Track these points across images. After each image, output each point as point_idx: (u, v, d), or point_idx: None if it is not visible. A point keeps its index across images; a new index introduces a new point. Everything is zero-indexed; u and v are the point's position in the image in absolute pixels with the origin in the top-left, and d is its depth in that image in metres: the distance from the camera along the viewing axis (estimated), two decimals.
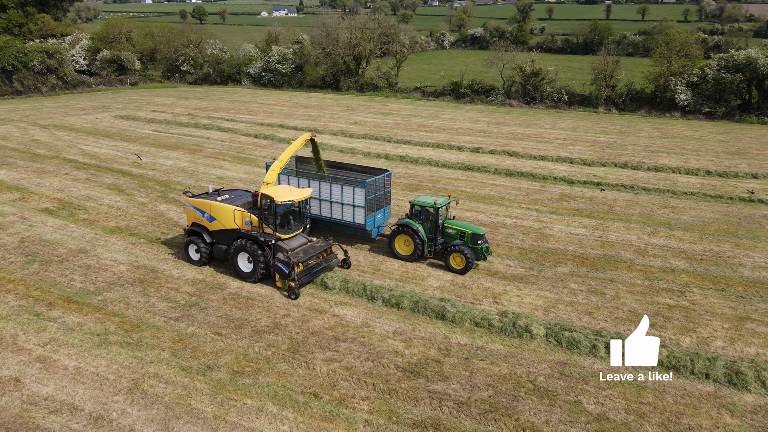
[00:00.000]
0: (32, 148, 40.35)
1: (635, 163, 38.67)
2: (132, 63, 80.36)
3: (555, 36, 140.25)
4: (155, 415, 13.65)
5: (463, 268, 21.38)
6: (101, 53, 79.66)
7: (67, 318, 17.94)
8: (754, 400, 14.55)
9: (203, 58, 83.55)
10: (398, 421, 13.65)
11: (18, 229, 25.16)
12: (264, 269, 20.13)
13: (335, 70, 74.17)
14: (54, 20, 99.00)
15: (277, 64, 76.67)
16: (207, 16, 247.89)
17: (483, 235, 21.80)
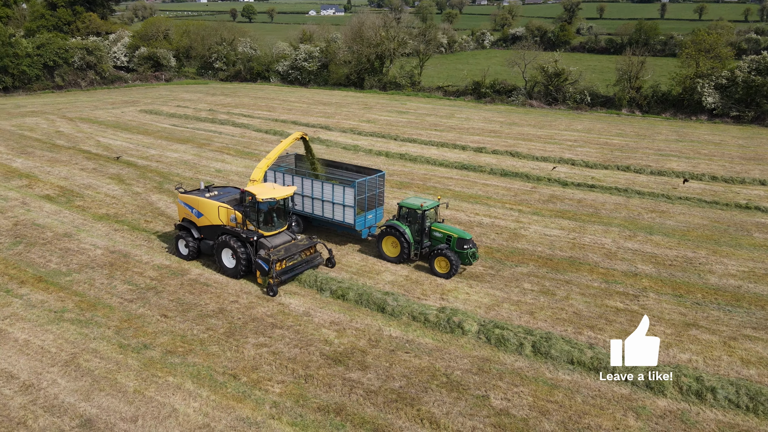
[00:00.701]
0: (53, 138, 42.81)
1: (639, 166, 37.81)
2: (167, 60, 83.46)
3: (599, 36, 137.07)
4: (81, 386, 14.66)
5: (447, 273, 21.05)
6: (139, 50, 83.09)
7: (32, 295, 19.30)
8: (666, 405, 14.38)
9: (235, 56, 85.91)
10: (304, 404, 14.20)
11: (16, 213, 26.97)
12: (246, 265, 20.31)
13: (359, 68, 75.01)
14: (100, 18, 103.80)
15: (303, 62, 78.15)
16: (256, 14, 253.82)
17: (469, 240, 21.26)
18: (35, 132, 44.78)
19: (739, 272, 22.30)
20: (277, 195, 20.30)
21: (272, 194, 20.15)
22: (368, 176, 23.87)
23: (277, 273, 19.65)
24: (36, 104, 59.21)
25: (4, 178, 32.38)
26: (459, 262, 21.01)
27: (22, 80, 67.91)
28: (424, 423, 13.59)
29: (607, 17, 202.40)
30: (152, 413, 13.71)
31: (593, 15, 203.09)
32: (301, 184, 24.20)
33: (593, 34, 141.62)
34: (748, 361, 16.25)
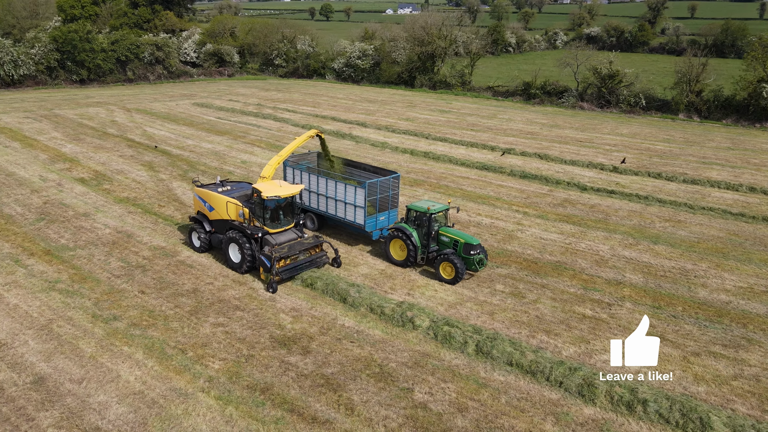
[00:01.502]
0: (106, 127, 46.24)
1: (673, 173, 36.04)
2: (231, 56, 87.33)
3: (680, 36, 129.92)
4: (46, 348, 16.18)
5: (452, 279, 20.40)
6: (205, 47, 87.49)
7: (36, 266, 21.31)
8: (591, 414, 14.03)
9: (295, 53, 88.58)
10: (236, 381, 14.99)
11: (49, 193, 29.60)
12: (250, 261, 20.48)
13: (411, 67, 75.39)
14: (176, 17, 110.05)
15: (357, 60, 79.48)
16: (333, 13, 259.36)
17: (477, 246, 20.59)
18: (92, 121, 48.52)
19: (735, 287, 21.02)
20: (283, 193, 20.35)
21: (278, 192, 20.27)
22: (379, 178, 23.52)
23: (278, 270, 19.71)
24: (104, 96, 63.93)
25: (51, 161, 35.48)
26: (465, 268, 20.36)
27: (97, 73, 73.40)
28: (339, 408, 14.02)
29: (699, 16, 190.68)
30: (98, 377, 14.97)
31: (683, 14, 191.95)
32: (316, 183, 24.30)
33: (675, 34, 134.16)
34: (701, 378, 15.48)
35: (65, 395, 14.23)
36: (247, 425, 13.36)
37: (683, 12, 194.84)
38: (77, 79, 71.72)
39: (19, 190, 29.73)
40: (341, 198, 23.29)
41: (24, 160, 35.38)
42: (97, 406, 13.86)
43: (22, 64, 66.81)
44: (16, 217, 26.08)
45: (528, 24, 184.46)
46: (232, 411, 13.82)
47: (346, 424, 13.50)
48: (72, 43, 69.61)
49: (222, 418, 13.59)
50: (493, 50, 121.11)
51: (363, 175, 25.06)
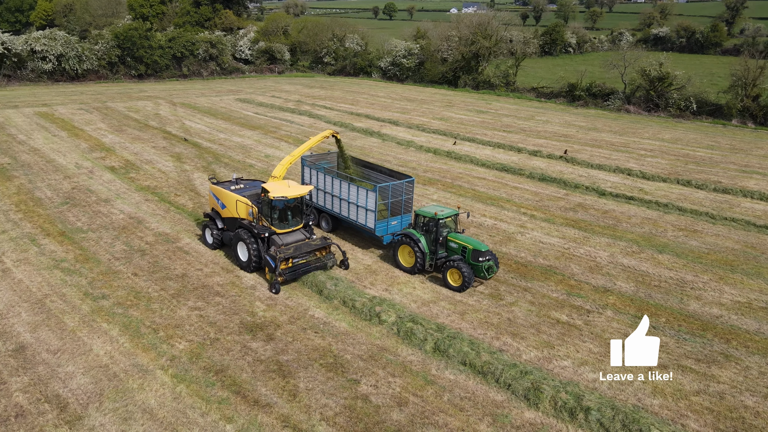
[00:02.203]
0: (149, 119, 48.77)
1: (704, 181, 34.40)
2: (281, 54, 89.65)
3: (757, 38, 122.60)
4: (33, 320, 17.54)
5: (460, 286, 19.87)
6: (258, 44, 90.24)
7: (48, 246, 22.99)
8: (531, 418, 13.86)
9: (344, 51, 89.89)
10: (195, 362, 15.76)
11: (79, 179, 31.69)
12: (257, 260, 20.43)
13: (455, 66, 74.97)
14: (235, 15, 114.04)
15: (402, 59, 79.80)
16: (396, 12, 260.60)
17: (486, 252, 19.99)
18: (138, 113, 51.27)
19: (731, 302, 20.00)
20: (290, 194, 20.27)
21: (285, 192, 20.20)
22: (393, 181, 23.20)
23: (281, 271, 19.68)
24: (156, 90, 67.25)
25: (90, 150, 37.88)
26: (473, 275, 19.80)
27: (154, 69, 77.24)
28: (283, 394, 14.50)
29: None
30: (72, 349, 16.11)
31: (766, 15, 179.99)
32: (331, 184, 24.15)
33: (752, 35, 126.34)
34: (659, 391, 14.94)
35: (39, 364, 15.42)
36: (192, 403, 14.06)
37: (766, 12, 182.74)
38: (135, 74, 75.73)
39: (53, 176, 31.98)
40: (353, 200, 23.02)
41: (66, 148, 37.94)
42: (63, 376, 14.94)
43: (86, 60, 71.28)
44: (44, 200, 28.12)
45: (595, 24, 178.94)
46: (183, 389, 14.57)
47: (285, 409, 13.96)
48: (132, 40, 73.59)
49: (171, 394, 14.36)
50: (551, 50, 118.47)
51: (378, 177, 24.70)
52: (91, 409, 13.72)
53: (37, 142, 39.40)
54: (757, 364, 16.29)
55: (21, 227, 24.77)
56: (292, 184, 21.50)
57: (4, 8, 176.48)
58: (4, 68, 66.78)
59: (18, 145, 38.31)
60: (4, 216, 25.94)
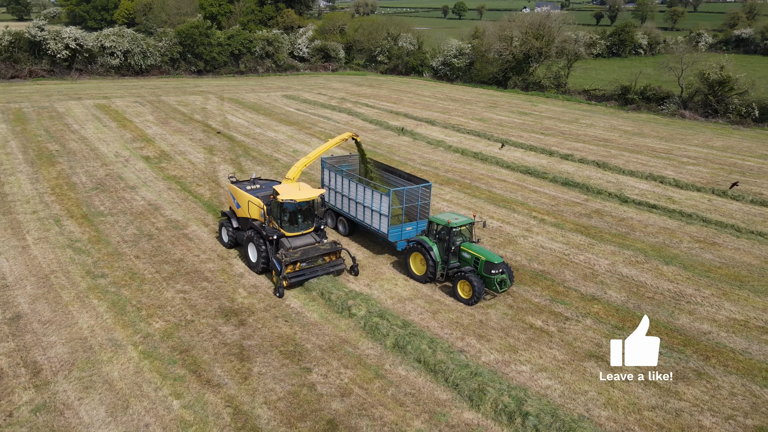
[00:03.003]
0: (194, 113, 51.17)
1: (741, 193, 32.42)
2: (336, 52, 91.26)
3: None
4: (36, 293, 19.09)
5: (469, 299, 19.03)
6: (314, 42, 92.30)
7: (69, 227, 24.83)
8: (469, 418, 13.82)
9: (398, 50, 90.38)
10: (166, 340, 16.70)
11: (114, 167, 33.85)
12: (265, 262, 20.27)
13: (505, 67, 73.80)
14: (297, 14, 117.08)
15: (453, 59, 79.38)
16: (466, 12, 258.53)
17: (499, 264, 19.11)
18: (186, 107, 53.89)
19: (726, 318, 18.95)
20: (299, 197, 19.94)
21: (294, 195, 19.94)
22: (408, 186, 22.68)
23: (286, 275, 19.41)
24: (210, 85, 70.30)
25: (132, 140, 40.31)
26: (483, 288, 18.94)
27: (212, 65, 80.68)
28: (235, 376, 15.16)
29: None
30: (59, 321, 17.46)
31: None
32: (348, 187, 23.73)
33: None
34: (613, 403, 14.49)
35: (27, 332, 16.83)
36: (150, 378, 14.97)
37: None
38: (195, 70, 79.37)
39: (92, 163, 34.34)
40: (368, 204, 22.55)
41: (111, 138, 40.55)
42: (45, 344, 16.26)
43: (150, 56, 75.47)
44: (77, 185, 30.29)
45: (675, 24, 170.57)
46: (146, 364, 15.52)
47: (233, 390, 14.60)
48: (192, 38, 77.21)
49: (134, 369, 15.33)
50: (619, 51, 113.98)
51: (397, 181, 24.33)
52: (60, 377, 14.89)
53: (88, 131, 42.31)
54: (731, 385, 15.43)
55: (50, 209, 26.85)
56: (304, 186, 21.12)
57: (92, 7, 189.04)
58: (77, 63, 71.81)
59: (70, 134, 41.30)
60: (39, 198, 28.17)
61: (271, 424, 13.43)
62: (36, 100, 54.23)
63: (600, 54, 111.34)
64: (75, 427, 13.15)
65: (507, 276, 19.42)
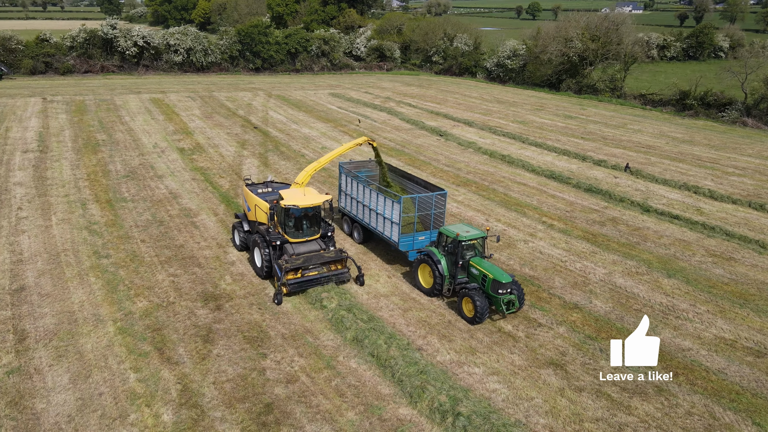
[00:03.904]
0: (239, 109, 53.28)
1: None
2: (392, 52, 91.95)
3: None
4: (44, 268, 20.79)
5: (472, 318, 17.91)
6: (370, 42, 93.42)
7: (92, 210, 26.74)
8: (403, 414, 13.95)
9: (453, 51, 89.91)
10: (143, 318, 17.80)
11: (149, 157, 35.96)
12: (268, 267, 19.91)
13: (559, 69, 71.86)
14: (358, 14, 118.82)
15: (506, 60, 78.14)
16: (541, 12, 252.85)
17: (508, 284, 17.82)
18: (233, 102, 56.18)
19: (714, 337, 17.96)
20: (302, 203, 19.64)
21: (298, 201, 19.68)
22: (418, 194, 21.98)
23: (286, 282, 18.97)
24: (263, 83, 72.79)
25: (173, 132, 42.61)
26: (486, 308, 17.72)
27: (269, 63, 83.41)
28: (193, 356, 15.98)
29: None
30: (56, 295, 18.98)
31: None
32: (362, 193, 23.15)
33: None
34: (556, 412, 14.17)
35: (25, 303, 18.43)
36: (117, 352, 16.06)
37: None
38: (252, 68, 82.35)
39: (131, 152, 36.65)
40: (380, 211, 21.90)
41: (154, 129, 43.04)
42: (37, 315, 17.76)
43: (210, 53, 79.08)
44: (111, 173, 32.49)
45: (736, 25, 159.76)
46: (118, 339, 16.65)
47: (188, 368, 15.43)
48: (251, 36, 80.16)
49: (107, 343, 16.48)
50: (696, 54, 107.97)
51: (414, 188, 23.79)
52: (40, 344, 16.26)
53: (136, 123, 45.09)
54: (690, 404, 14.69)
55: (81, 193, 28.99)
56: (310, 192, 20.79)
57: (173, 7, 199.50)
58: (144, 59, 76.34)
59: (119, 125, 44.18)
60: (74, 183, 30.46)
61: (212, 403, 14.13)
62: (99, 93, 58.23)
63: (674, 57, 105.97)
64: (38, 390, 14.36)
65: (516, 297, 18.08)
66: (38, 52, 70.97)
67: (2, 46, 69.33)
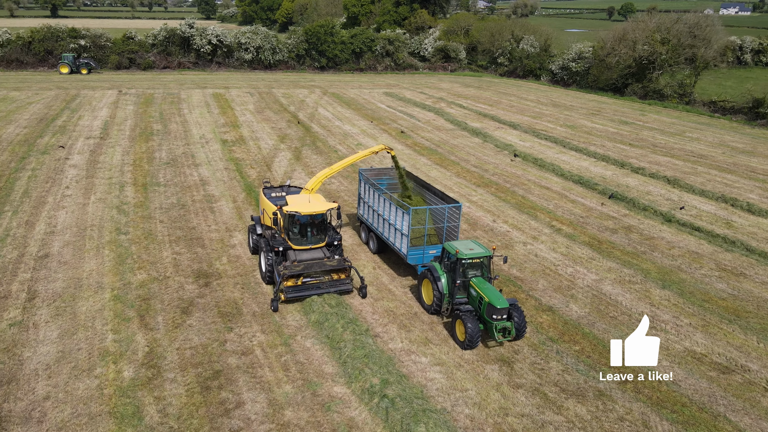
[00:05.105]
0: (290, 105, 55.64)
1: None
2: (456, 53, 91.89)
3: None
4: (69, 240, 23.33)
5: (462, 342, 16.81)
6: (436, 43, 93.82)
7: (127, 192, 29.40)
8: (338, 392, 14.78)
9: (520, 53, 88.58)
10: (138, 288, 19.69)
11: (193, 147, 38.68)
12: (270, 272, 19.79)
13: (625, 73, 69.12)
14: (430, 15, 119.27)
15: (570, 63, 76.10)
16: (634, 13, 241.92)
17: (503, 310, 16.53)
18: (287, 99, 58.72)
19: (683, 350, 17.43)
20: (305, 210, 19.51)
21: (300, 207, 19.60)
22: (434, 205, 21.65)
23: (283, 288, 18.74)
24: (324, 81, 75.21)
25: (223, 125, 45.40)
26: (478, 334, 16.58)
27: (334, 62, 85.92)
28: (169, 325, 17.57)
29: None
30: (72, 263, 21.35)
31: None
32: (376, 202, 22.54)
33: None
34: (484, 406, 14.50)
35: (45, 268, 20.89)
36: (105, 315, 17.97)
37: None
38: (318, 66, 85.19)
39: (177, 142, 39.59)
40: (393, 221, 21.17)
41: (206, 122, 46.06)
42: (51, 279, 20.11)
43: (278, 52, 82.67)
44: (156, 159, 35.37)
45: None
46: (110, 305, 18.60)
47: (159, 335, 17.06)
48: (317, 36, 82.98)
49: (99, 307, 18.46)
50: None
51: (431, 199, 23.07)
52: (45, 304, 18.50)
53: (192, 116, 48.41)
54: (627, 410, 14.51)
55: (123, 176, 31.90)
56: (315, 198, 20.75)
57: (260, 7, 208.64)
58: (216, 57, 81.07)
59: (177, 117, 47.64)
60: (120, 167, 33.51)
61: (169, 366, 15.63)
62: (169, 88, 62.72)
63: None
64: (30, 341, 16.48)
65: (512, 324, 16.73)
66: (124, 48, 77.30)
67: (93, 43, 76.13)
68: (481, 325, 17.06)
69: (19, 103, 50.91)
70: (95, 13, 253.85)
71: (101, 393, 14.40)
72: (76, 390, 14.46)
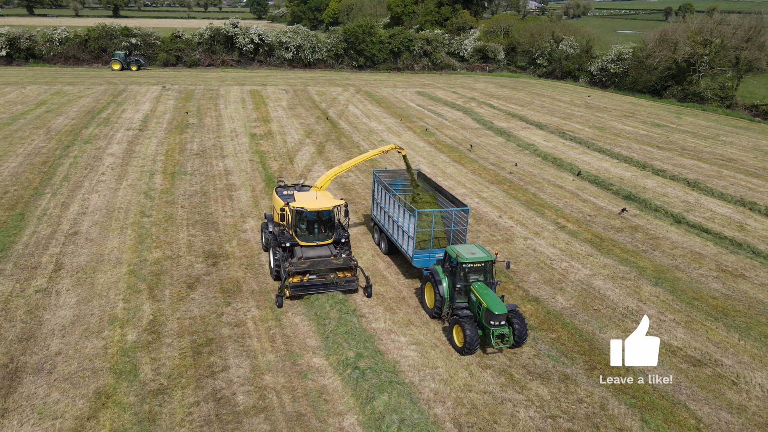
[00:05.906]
0: (322, 102, 57.33)
1: None
2: (495, 53, 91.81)
3: None
4: (97, 220, 25.42)
5: (461, 348, 16.60)
6: (475, 44, 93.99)
7: (155, 179, 31.51)
8: (317, 363, 15.97)
9: (559, 54, 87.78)
10: (153, 265, 21.43)
11: (223, 139, 40.69)
12: (277, 268, 19.95)
13: (664, 75, 67.74)
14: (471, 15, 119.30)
15: (609, 64, 75.04)
16: (692, 13, 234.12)
17: (501, 316, 16.25)
18: (320, 96, 60.47)
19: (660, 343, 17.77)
20: (311, 206, 19.67)
21: (307, 204, 19.81)
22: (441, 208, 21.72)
23: (288, 285, 18.87)
24: (359, 79, 76.71)
25: (254, 120, 47.43)
26: (476, 340, 16.32)
27: (372, 61, 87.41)
28: (174, 298, 19.18)
29: None
30: (96, 240, 23.35)
31: None
32: (387, 203, 22.52)
33: None
34: (450, 383, 15.40)
35: (72, 244, 22.96)
36: (119, 287, 19.73)
37: None
38: (356, 65, 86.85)
39: (209, 135, 41.75)
40: (400, 223, 21.08)
41: (239, 117, 48.20)
42: (76, 254, 22.12)
43: (317, 51, 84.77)
44: (186, 151, 37.53)
45: None
46: (126, 278, 20.40)
47: (164, 305, 18.67)
48: (356, 35, 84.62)
49: (115, 279, 20.26)
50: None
51: (442, 202, 22.91)
52: (68, 275, 20.45)
53: (227, 111, 50.71)
54: (588, 393, 15.13)
55: (155, 165, 34.11)
56: (323, 195, 21.05)
57: (308, 8, 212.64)
58: (258, 55, 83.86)
59: (212, 112, 50.01)
60: (153, 157, 35.79)
61: (168, 332, 17.19)
62: (210, 84, 65.56)
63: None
64: (51, 305, 18.38)
65: (511, 331, 16.58)
66: (171, 47, 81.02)
67: (144, 42, 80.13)
68: (480, 330, 16.85)
69: (71, 97, 54.50)
70: (154, 13, 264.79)
71: (105, 352, 16.06)
72: (84, 348, 16.17)
